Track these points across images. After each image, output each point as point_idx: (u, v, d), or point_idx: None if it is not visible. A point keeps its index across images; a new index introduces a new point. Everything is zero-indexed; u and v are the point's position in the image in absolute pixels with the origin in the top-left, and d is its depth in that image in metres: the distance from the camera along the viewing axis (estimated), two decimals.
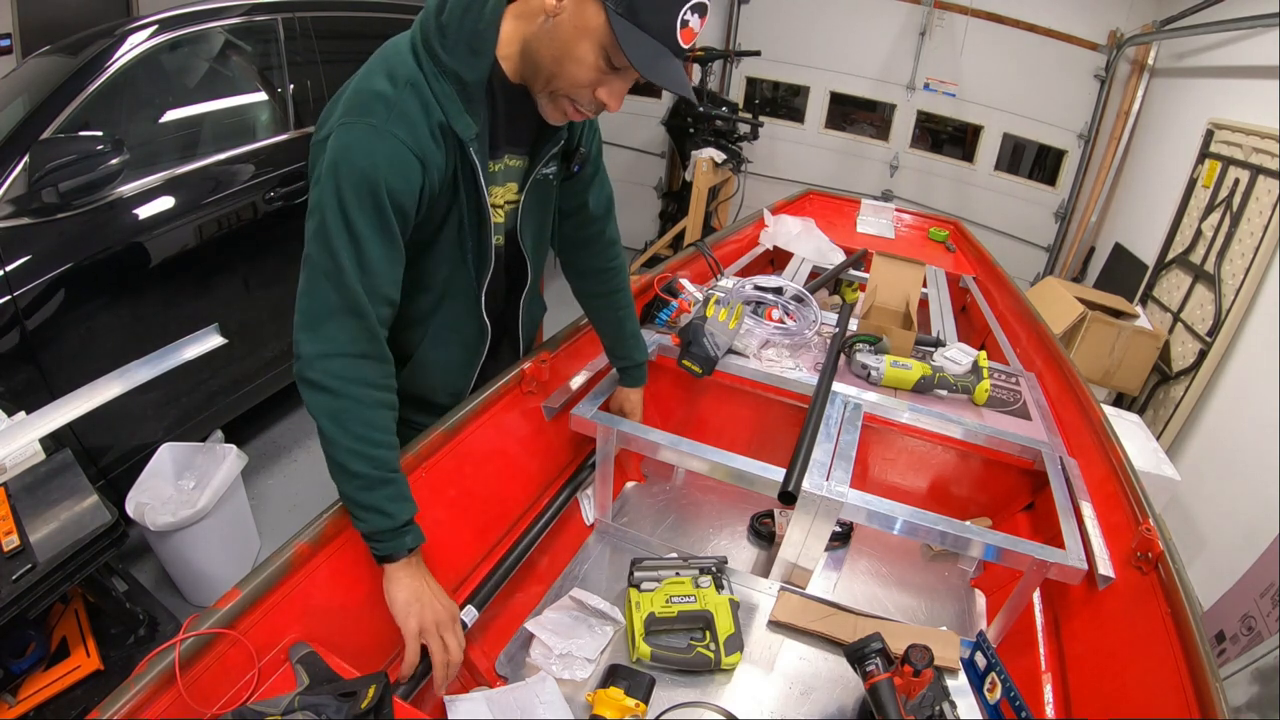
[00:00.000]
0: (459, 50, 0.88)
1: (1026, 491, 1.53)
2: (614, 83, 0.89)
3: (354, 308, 0.86)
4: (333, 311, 0.86)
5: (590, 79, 0.88)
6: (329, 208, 0.84)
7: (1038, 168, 4.63)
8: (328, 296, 0.86)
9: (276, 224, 2.26)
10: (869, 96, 4.65)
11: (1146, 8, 3.79)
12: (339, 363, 0.86)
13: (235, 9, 2.19)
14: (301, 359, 0.87)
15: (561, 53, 0.87)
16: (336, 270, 0.85)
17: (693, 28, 0.84)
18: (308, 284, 0.87)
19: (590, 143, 1.14)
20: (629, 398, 1.39)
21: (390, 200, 0.86)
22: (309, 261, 0.87)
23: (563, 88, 0.91)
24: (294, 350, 0.88)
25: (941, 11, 4.22)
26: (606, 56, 0.85)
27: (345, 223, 0.84)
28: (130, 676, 0.72)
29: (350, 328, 0.87)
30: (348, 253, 0.85)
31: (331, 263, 0.85)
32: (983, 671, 1.07)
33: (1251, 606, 1.76)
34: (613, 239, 1.27)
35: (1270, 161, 2.63)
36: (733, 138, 4.05)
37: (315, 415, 0.88)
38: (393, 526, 0.89)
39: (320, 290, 0.86)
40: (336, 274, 0.85)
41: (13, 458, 1.32)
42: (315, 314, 0.86)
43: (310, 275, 0.87)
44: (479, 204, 0.98)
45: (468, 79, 0.89)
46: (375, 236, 0.86)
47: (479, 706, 0.93)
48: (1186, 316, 2.98)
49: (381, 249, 0.88)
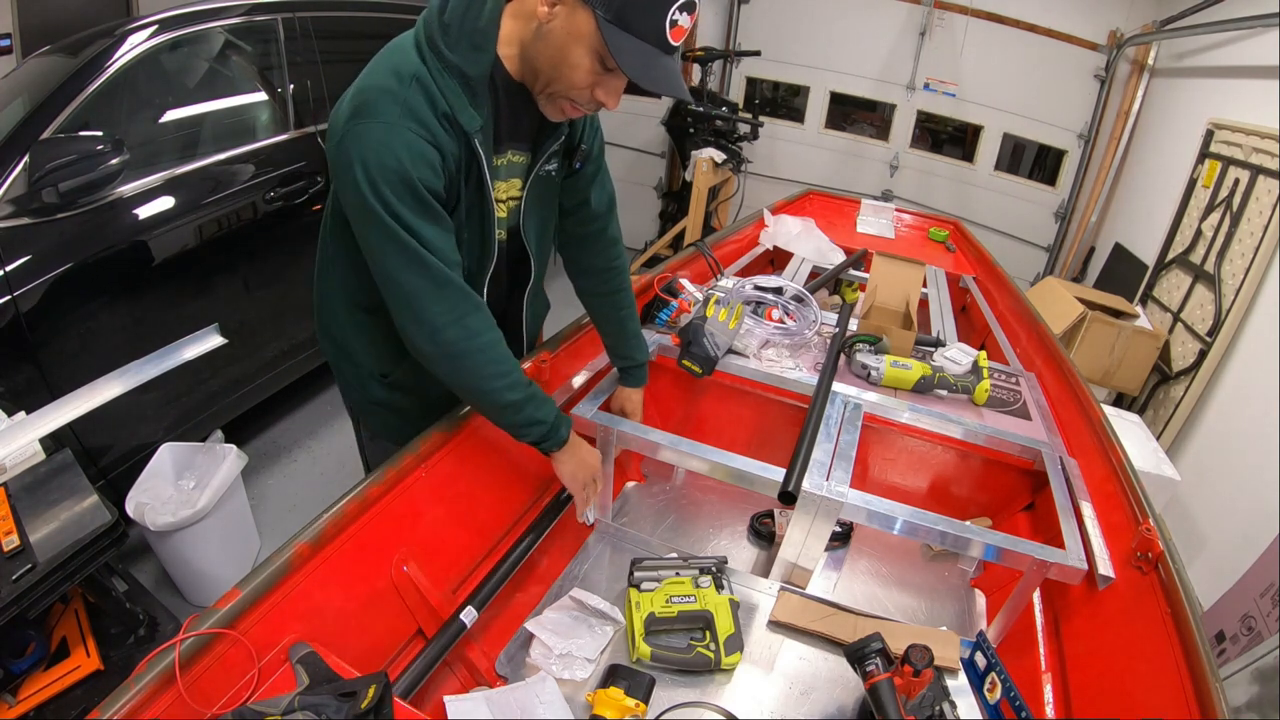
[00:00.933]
0: (461, 46, 0.90)
1: (1026, 491, 1.53)
2: (610, 82, 0.91)
3: (439, 279, 0.93)
4: (423, 293, 0.93)
5: (586, 81, 0.90)
6: (377, 209, 0.88)
7: (1038, 168, 4.62)
8: (414, 281, 0.92)
9: (276, 224, 2.25)
10: (869, 96, 4.64)
11: (1146, 8, 3.79)
12: (449, 332, 0.95)
13: (235, 9, 2.19)
14: (415, 343, 0.97)
15: (556, 57, 0.89)
16: (408, 260, 0.91)
17: (682, 25, 0.85)
18: (391, 275, 0.93)
19: (592, 140, 1.14)
20: (630, 398, 1.39)
21: (424, 185, 0.90)
22: (382, 255, 0.92)
23: (560, 90, 0.92)
24: (403, 336, 0.98)
25: (941, 11, 4.22)
26: (600, 59, 0.87)
27: (397, 219, 0.89)
28: (130, 676, 0.72)
29: (444, 298, 0.94)
30: (410, 243, 0.90)
31: (402, 253, 0.91)
32: (983, 671, 1.07)
33: (1251, 606, 1.76)
34: (614, 238, 1.27)
35: (1270, 161, 2.63)
36: (733, 138, 4.05)
37: (450, 381, 1.01)
38: (550, 427, 1.08)
39: (404, 278, 0.92)
40: (409, 263, 0.91)
41: (13, 458, 1.32)
42: (410, 299, 0.94)
43: (391, 268, 0.92)
44: (483, 196, 1.00)
45: (471, 74, 0.91)
46: (425, 221, 0.91)
47: (479, 706, 0.93)
48: (1186, 316, 2.98)
49: (433, 228, 0.93)
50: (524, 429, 1.06)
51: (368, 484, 1.01)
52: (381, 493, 1.02)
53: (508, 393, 1.01)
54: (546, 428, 1.07)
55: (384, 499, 1.03)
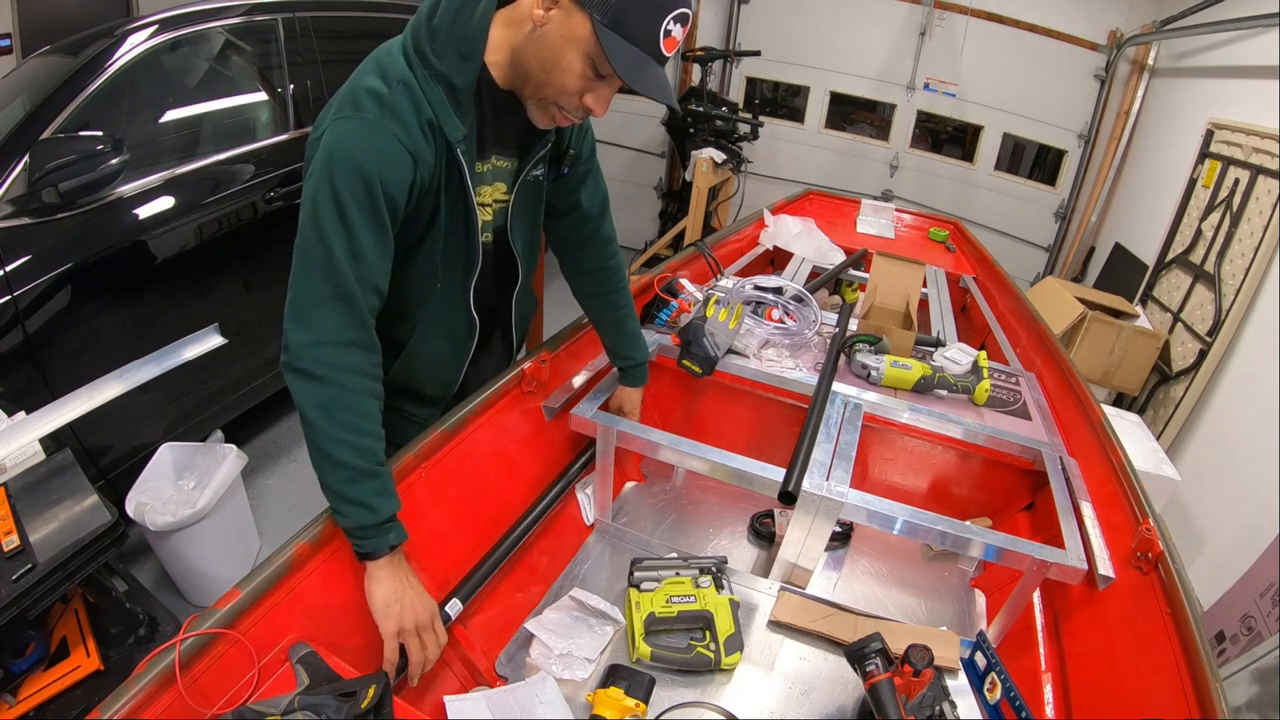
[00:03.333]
0: (449, 54, 0.90)
1: (1026, 491, 1.53)
2: (600, 89, 0.91)
3: (344, 294, 0.87)
4: (322, 299, 0.86)
5: (577, 86, 0.90)
6: (322, 197, 0.85)
7: (1038, 168, 4.63)
8: (318, 285, 0.86)
9: (276, 224, 2.26)
10: (869, 96, 4.64)
11: (1146, 8, 3.79)
12: (328, 350, 0.86)
13: (235, 9, 2.19)
14: (290, 349, 0.87)
15: (549, 61, 0.89)
16: (327, 258, 0.85)
17: (675, 36, 0.86)
18: (298, 274, 0.87)
19: (580, 144, 1.15)
20: (629, 397, 1.40)
21: (383, 191, 0.87)
22: (301, 252, 0.87)
23: (550, 95, 0.92)
24: (283, 341, 0.87)
25: (941, 11, 4.22)
26: (593, 65, 0.87)
27: (338, 211, 0.85)
28: (130, 676, 0.72)
29: (340, 314, 0.87)
30: (340, 241, 0.85)
31: (322, 250, 0.85)
32: (983, 671, 1.07)
33: (1251, 606, 1.76)
34: (609, 238, 1.28)
35: (1270, 161, 2.63)
36: (733, 138, 4.05)
37: (302, 405, 0.87)
38: (376, 522, 0.88)
39: (310, 279, 0.86)
40: (327, 262, 0.86)
41: (13, 458, 1.32)
42: (304, 302, 0.87)
43: (301, 265, 0.87)
44: (465, 203, 1.00)
45: (457, 83, 0.91)
46: (367, 225, 0.87)
47: (479, 706, 0.93)
48: (1186, 316, 2.98)
49: (373, 238, 0.88)
50: (348, 505, 0.87)
51: None
52: None
53: (348, 452, 0.86)
54: (373, 521, 0.87)
55: None
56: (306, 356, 0.86)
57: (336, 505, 0.89)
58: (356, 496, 0.87)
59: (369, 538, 0.89)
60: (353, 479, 0.87)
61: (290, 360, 0.87)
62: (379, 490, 0.89)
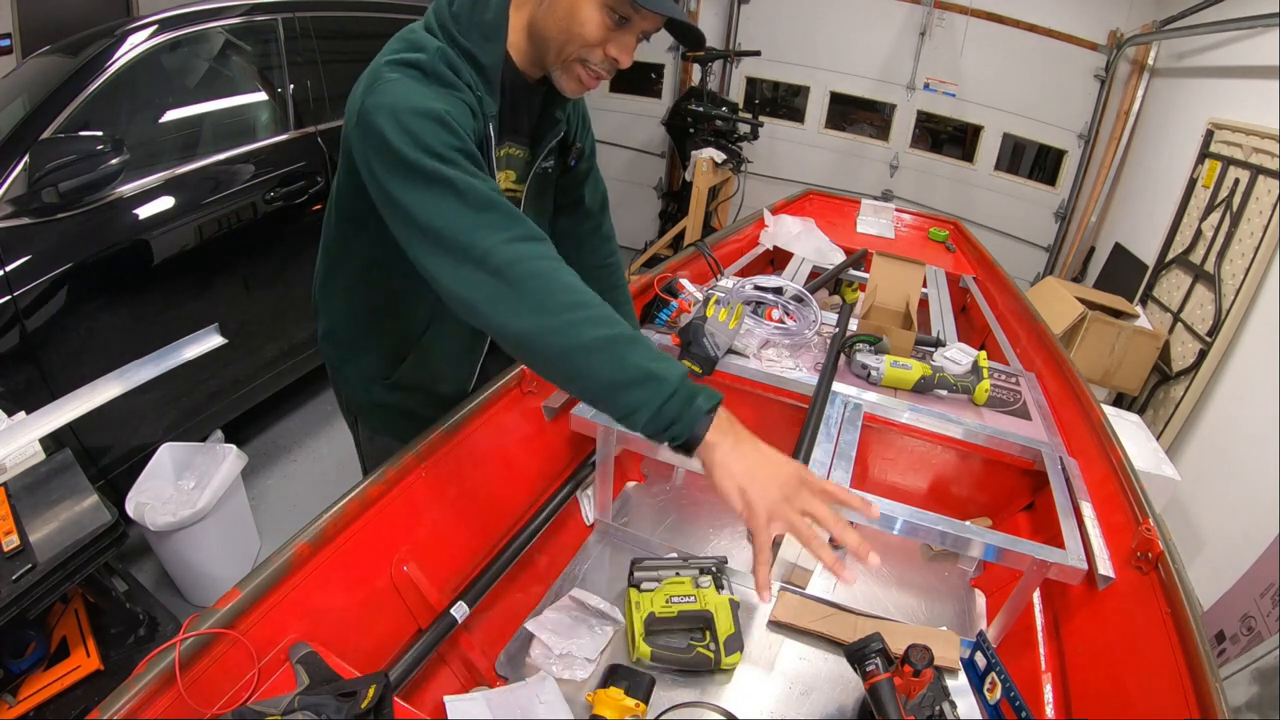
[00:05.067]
0: (473, 36, 0.91)
1: (1026, 491, 1.53)
2: (622, 37, 0.91)
3: (481, 202, 0.76)
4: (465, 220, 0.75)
5: (599, 37, 0.89)
6: (402, 152, 0.76)
7: (1038, 168, 4.62)
8: (451, 214, 0.75)
9: (276, 224, 2.26)
10: (869, 96, 4.64)
11: (1146, 8, 3.79)
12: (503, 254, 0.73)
13: (235, 9, 2.19)
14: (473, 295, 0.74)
15: (565, 20, 0.89)
16: (445, 187, 0.75)
17: None
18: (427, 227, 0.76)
19: (585, 139, 1.16)
20: None
21: (459, 126, 0.80)
22: (409, 206, 0.77)
23: (574, 52, 0.92)
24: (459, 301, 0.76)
25: (941, 11, 4.22)
26: (610, 10, 0.87)
27: (427, 151, 0.76)
28: (130, 676, 0.72)
29: (489, 222, 0.75)
30: (444, 170, 0.76)
31: (434, 188, 0.76)
32: (983, 671, 1.07)
33: (1251, 606, 1.76)
34: (608, 235, 1.29)
35: (1270, 161, 2.63)
36: (733, 138, 4.05)
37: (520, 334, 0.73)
38: (673, 389, 0.70)
39: (440, 217, 0.75)
40: (448, 189, 0.76)
41: (13, 458, 1.32)
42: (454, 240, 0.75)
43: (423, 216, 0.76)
44: None
45: (485, 62, 0.91)
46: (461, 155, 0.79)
47: (479, 706, 0.93)
48: (1186, 316, 2.98)
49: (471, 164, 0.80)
50: (627, 391, 0.69)
51: (368, 484, 1.01)
52: (381, 492, 1.02)
53: (588, 328, 0.70)
54: (668, 389, 0.69)
55: (384, 499, 1.03)
56: (489, 274, 0.73)
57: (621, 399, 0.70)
58: (637, 371, 0.70)
59: (680, 417, 0.69)
60: (611, 346, 0.71)
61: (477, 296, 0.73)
62: (648, 351, 0.73)
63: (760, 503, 0.69)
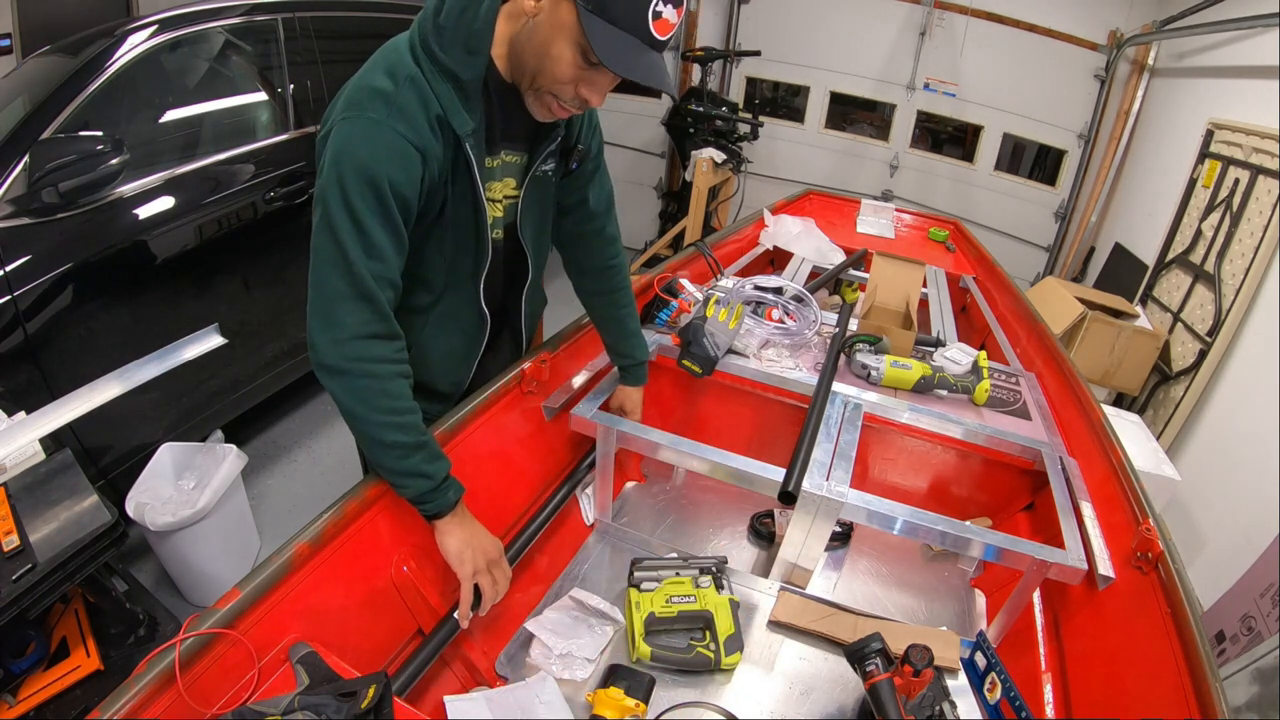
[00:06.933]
0: (455, 50, 0.90)
1: (1026, 491, 1.53)
2: (594, 79, 0.90)
3: (362, 292, 0.88)
4: (342, 297, 0.88)
5: (570, 75, 0.89)
6: (333, 199, 0.86)
7: (1038, 168, 4.62)
8: (335, 284, 0.88)
9: (276, 224, 2.25)
10: (869, 96, 4.64)
11: (1146, 8, 3.79)
12: (353, 345, 0.89)
13: (235, 9, 2.19)
14: (316, 347, 0.89)
15: (541, 51, 0.89)
16: (342, 257, 0.87)
17: (667, 18, 0.84)
18: (316, 274, 0.89)
19: (590, 140, 1.15)
20: (630, 397, 1.40)
21: (392, 190, 0.88)
22: (316, 252, 0.89)
23: (545, 85, 0.92)
24: (308, 341, 0.90)
25: (941, 11, 4.22)
26: (583, 53, 0.86)
27: (349, 212, 0.86)
28: (130, 676, 0.72)
29: (360, 311, 0.89)
30: (353, 240, 0.87)
31: (337, 251, 0.87)
32: (983, 671, 1.07)
33: (1251, 606, 1.76)
34: (612, 236, 1.28)
35: (1270, 161, 2.63)
36: (733, 138, 4.05)
37: (339, 398, 0.91)
38: (434, 486, 0.95)
39: (328, 279, 0.88)
40: (343, 261, 0.87)
41: (13, 458, 1.32)
42: (325, 302, 0.89)
43: (318, 265, 0.89)
44: (475, 198, 1.00)
45: (464, 78, 0.91)
46: (378, 223, 0.88)
47: (479, 706, 0.93)
48: (1186, 316, 2.98)
49: (386, 235, 0.90)
50: (405, 479, 0.94)
51: (368, 484, 1.01)
52: (381, 492, 1.02)
53: (395, 433, 0.91)
54: (432, 485, 0.95)
55: (384, 498, 1.03)
56: (333, 354, 0.89)
57: (395, 481, 0.96)
58: (412, 469, 0.94)
59: (432, 501, 0.96)
60: (404, 455, 0.93)
61: (319, 358, 0.90)
62: (429, 458, 0.95)
63: (470, 564, 0.99)
